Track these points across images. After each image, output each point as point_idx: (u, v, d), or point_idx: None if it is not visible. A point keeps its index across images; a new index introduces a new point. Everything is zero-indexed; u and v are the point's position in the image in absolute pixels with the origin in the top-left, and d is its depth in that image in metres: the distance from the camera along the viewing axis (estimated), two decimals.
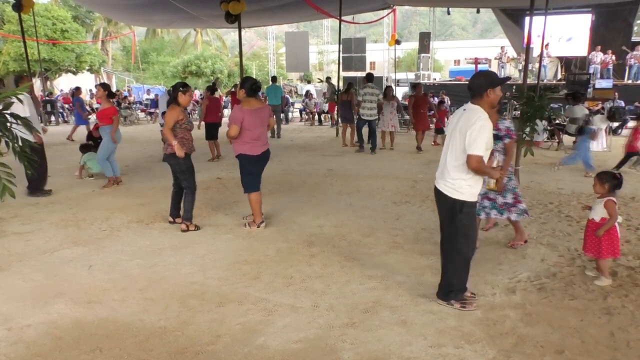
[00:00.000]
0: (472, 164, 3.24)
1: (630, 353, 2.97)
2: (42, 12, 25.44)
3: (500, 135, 4.33)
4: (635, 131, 8.50)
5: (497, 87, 3.32)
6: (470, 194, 3.40)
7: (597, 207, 4.00)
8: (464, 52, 40.37)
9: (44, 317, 3.44)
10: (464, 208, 3.39)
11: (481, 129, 3.21)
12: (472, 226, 3.50)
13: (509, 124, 4.36)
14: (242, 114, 5.16)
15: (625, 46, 18.41)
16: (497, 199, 4.62)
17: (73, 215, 5.96)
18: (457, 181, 3.37)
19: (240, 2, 9.27)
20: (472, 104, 3.38)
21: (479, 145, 3.20)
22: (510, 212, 4.62)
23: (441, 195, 3.50)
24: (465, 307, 3.49)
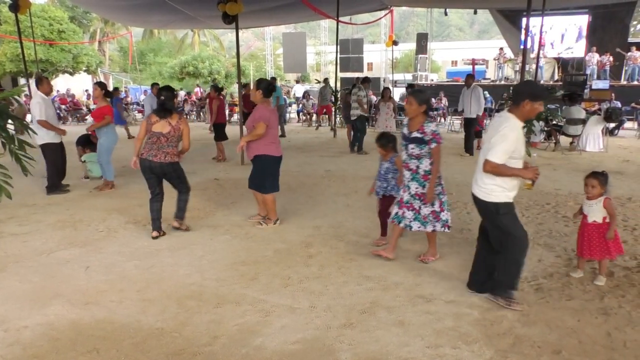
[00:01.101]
0: (486, 167, 3.30)
1: (627, 353, 2.97)
2: (39, 12, 25.38)
3: (425, 140, 4.08)
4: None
5: (537, 102, 3.25)
6: (504, 196, 3.39)
7: (596, 208, 3.93)
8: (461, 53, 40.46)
9: (41, 318, 3.44)
10: (500, 210, 3.40)
11: (502, 138, 3.23)
12: (516, 224, 3.46)
13: (435, 127, 4.15)
14: (269, 113, 5.22)
15: (620, 48, 18.48)
16: (421, 209, 4.25)
17: (70, 217, 5.95)
18: (489, 185, 3.40)
19: (237, 2, 9.26)
20: (507, 111, 3.39)
21: (497, 153, 3.24)
22: (428, 223, 4.28)
23: (476, 199, 3.55)
24: (510, 304, 3.49)
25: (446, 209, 4.32)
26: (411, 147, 4.15)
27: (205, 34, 42.91)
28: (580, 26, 19.74)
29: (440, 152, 4.18)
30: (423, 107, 4.09)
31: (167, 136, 4.95)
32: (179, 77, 34.17)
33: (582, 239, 4.03)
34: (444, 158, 10.86)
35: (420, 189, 4.19)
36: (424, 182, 4.17)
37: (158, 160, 4.95)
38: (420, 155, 4.13)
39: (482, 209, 3.55)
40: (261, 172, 5.38)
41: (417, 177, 4.19)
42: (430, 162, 4.14)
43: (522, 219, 5.69)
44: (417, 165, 4.17)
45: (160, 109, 5.00)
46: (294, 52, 25.75)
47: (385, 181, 4.81)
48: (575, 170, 8.77)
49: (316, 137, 14.83)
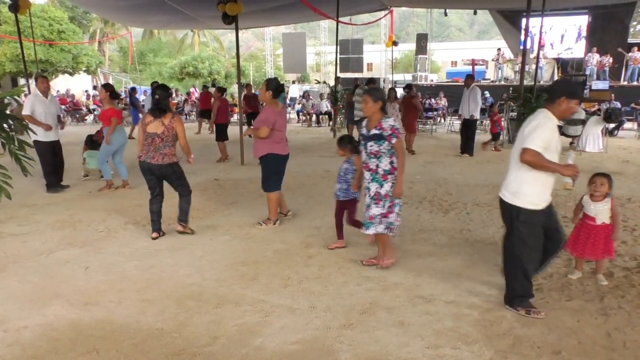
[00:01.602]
0: (524, 156, 3.14)
1: (627, 354, 2.97)
2: (39, 13, 25.34)
3: (384, 135, 3.97)
4: None
5: (574, 100, 3.17)
6: (528, 202, 3.28)
7: (604, 209, 3.87)
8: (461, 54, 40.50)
9: (41, 318, 3.43)
10: (521, 215, 3.30)
11: (538, 126, 3.15)
12: (532, 235, 3.34)
13: (394, 122, 4.03)
14: (274, 116, 5.24)
15: (622, 48, 18.49)
16: (372, 209, 4.16)
17: (70, 217, 5.95)
18: (514, 187, 3.31)
19: (237, 3, 9.26)
20: (542, 108, 3.31)
21: (535, 140, 3.11)
22: (376, 226, 4.15)
23: (501, 202, 3.47)
24: (530, 313, 3.40)
25: (396, 212, 4.15)
26: (370, 145, 4.05)
27: (205, 35, 42.91)
28: (580, 26, 19.75)
29: (403, 147, 4.11)
30: (379, 104, 4.04)
31: (162, 136, 4.87)
32: (178, 77, 34.17)
33: (585, 240, 3.95)
34: (442, 158, 10.93)
35: (379, 188, 4.07)
36: (383, 181, 4.05)
37: (156, 162, 4.90)
38: (379, 153, 4.02)
39: (504, 212, 3.46)
40: (266, 170, 5.42)
41: (377, 177, 4.07)
42: (390, 161, 4.04)
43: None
44: (376, 164, 4.05)
45: (154, 109, 4.93)
46: (293, 52, 25.75)
47: (345, 182, 4.70)
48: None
49: (316, 137, 14.83)
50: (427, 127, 16.35)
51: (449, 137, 14.58)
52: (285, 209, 5.90)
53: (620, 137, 14.21)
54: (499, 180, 8.05)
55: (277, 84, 5.28)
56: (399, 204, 4.18)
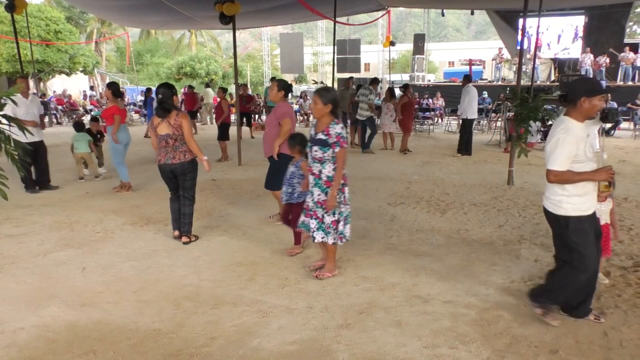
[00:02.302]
0: (549, 177, 3.09)
1: (623, 352, 2.98)
2: (35, 12, 25.26)
3: (329, 142, 3.77)
4: None
5: (595, 97, 3.03)
6: (574, 209, 3.14)
7: (606, 210, 3.83)
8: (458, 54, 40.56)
9: (37, 320, 3.42)
10: (570, 224, 3.15)
11: (558, 144, 3.04)
12: (585, 242, 3.16)
13: (341, 129, 3.80)
14: (291, 110, 5.34)
15: (616, 49, 18.55)
16: (324, 217, 3.95)
17: (66, 217, 5.93)
18: (557, 197, 3.18)
19: (234, 3, 9.25)
20: (564, 115, 3.20)
21: (556, 161, 3.03)
22: (333, 235, 3.98)
23: (546, 212, 3.34)
24: (545, 316, 3.29)
25: (343, 221, 3.98)
26: (315, 150, 3.86)
27: (203, 35, 42.87)
28: (577, 27, 19.79)
29: (345, 158, 3.85)
30: (328, 106, 3.82)
31: (174, 137, 4.77)
32: (176, 77, 34.15)
33: None
34: (439, 158, 10.93)
35: (322, 195, 3.89)
36: (326, 188, 3.87)
37: (178, 160, 4.81)
38: (322, 159, 3.83)
39: (552, 222, 3.31)
40: (276, 169, 5.39)
41: (320, 182, 3.88)
42: (334, 167, 3.84)
43: (518, 219, 5.74)
44: (319, 169, 3.87)
45: (158, 109, 4.83)
46: (291, 52, 25.72)
47: (290, 186, 4.55)
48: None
49: None
50: (424, 127, 16.37)
51: (446, 137, 14.60)
52: None
53: (617, 137, 14.26)
54: (496, 180, 8.11)
55: (287, 84, 5.38)
56: (345, 212, 3.99)
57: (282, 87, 5.33)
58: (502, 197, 6.89)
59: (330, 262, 4.14)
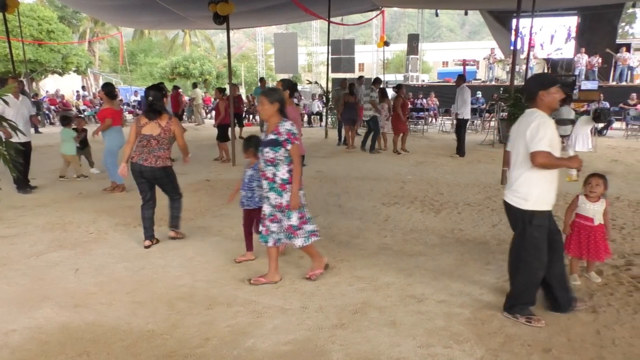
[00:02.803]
0: (538, 160, 3.05)
1: (615, 351, 3.00)
2: (28, 12, 25.10)
3: (280, 140, 3.66)
4: None
5: (551, 88, 3.13)
6: (540, 203, 3.20)
7: (600, 209, 3.86)
8: (452, 54, 40.69)
9: (30, 321, 3.40)
10: (534, 220, 3.21)
11: (540, 125, 3.07)
12: (544, 239, 3.25)
13: (290, 126, 3.71)
14: (297, 114, 5.33)
15: (610, 49, 18.68)
16: (283, 221, 3.85)
17: (59, 218, 5.90)
18: (525, 190, 3.20)
19: (228, 3, 9.24)
20: (529, 108, 3.27)
21: (542, 141, 3.04)
22: (297, 237, 3.87)
23: (509, 207, 3.35)
24: (530, 322, 3.30)
25: (307, 219, 3.90)
26: (266, 151, 3.73)
27: (196, 35, 42.74)
28: (570, 27, 19.91)
29: (299, 153, 3.77)
30: (275, 105, 3.72)
31: (158, 139, 4.74)
32: (169, 77, 34.01)
33: (587, 242, 3.88)
34: (433, 158, 10.95)
35: (279, 198, 3.76)
36: (282, 191, 3.74)
37: (149, 164, 4.73)
38: (275, 160, 3.69)
39: (514, 218, 3.34)
40: None
41: (275, 186, 3.75)
42: (288, 169, 3.72)
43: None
44: (273, 172, 3.73)
45: (149, 110, 4.76)
46: (285, 52, 25.71)
47: (250, 190, 4.37)
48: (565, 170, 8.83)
49: (307, 137, 14.81)
50: (418, 127, 16.42)
51: (440, 137, 14.65)
52: None
53: (609, 136, 14.36)
54: (490, 179, 8.13)
55: (292, 83, 5.39)
56: (306, 212, 3.91)
57: (287, 86, 5.23)
58: (496, 196, 6.92)
59: (315, 260, 4.10)
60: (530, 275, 3.33)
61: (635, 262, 4.43)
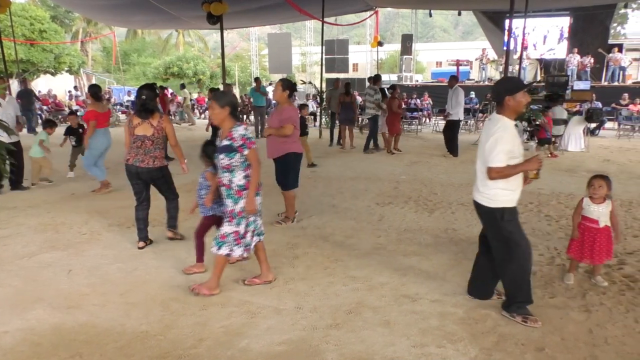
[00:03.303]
0: (491, 175, 3.16)
1: (608, 349, 3.02)
2: (19, 11, 24.95)
3: (235, 146, 3.53)
4: None
5: (518, 94, 3.17)
6: (508, 200, 3.27)
7: (606, 212, 3.84)
8: (445, 54, 40.82)
9: (22, 323, 3.38)
10: (505, 215, 3.26)
11: (497, 141, 3.13)
12: (520, 232, 3.32)
13: (244, 130, 3.58)
14: (296, 115, 5.39)
15: (602, 49, 18.81)
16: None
17: (51, 219, 5.86)
18: (492, 190, 3.26)
19: (222, 3, 9.22)
20: (496, 113, 3.31)
21: (496, 157, 3.12)
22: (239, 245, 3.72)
23: (479, 207, 3.40)
24: (526, 322, 3.31)
25: (251, 232, 3.75)
26: (221, 158, 3.59)
27: (190, 35, 42.60)
28: (562, 28, 20.03)
29: (259, 159, 3.65)
30: (226, 110, 3.58)
31: (152, 139, 4.71)
32: (163, 77, 33.90)
33: (591, 245, 3.86)
34: (427, 158, 10.97)
35: (232, 205, 3.65)
36: (239, 198, 3.62)
37: (145, 165, 4.71)
38: (231, 167, 3.57)
39: (486, 216, 3.39)
40: (286, 169, 5.52)
41: (231, 193, 3.63)
42: (245, 175, 3.61)
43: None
44: (229, 179, 3.60)
45: (141, 110, 4.71)
46: (279, 52, 25.70)
47: (200, 198, 4.24)
48: (558, 170, 8.89)
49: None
50: (412, 127, 16.45)
51: (434, 137, 14.68)
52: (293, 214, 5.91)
53: (602, 136, 14.45)
54: None
55: (292, 83, 5.45)
56: (253, 223, 3.77)
57: (287, 87, 5.30)
58: None
59: (263, 267, 3.97)
60: (517, 272, 3.35)
61: (628, 261, 4.47)
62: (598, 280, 3.98)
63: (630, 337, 3.16)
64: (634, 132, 14.46)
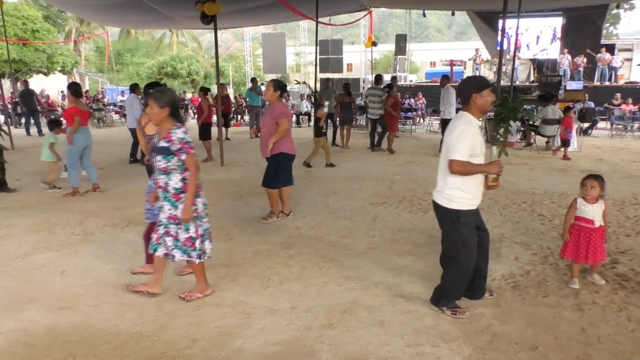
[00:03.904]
0: (453, 168, 3.16)
1: (601, 348, 3.04)
2: (12, 11, 24.77)
3: (172, 150, 3.38)
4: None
5: (484, 91, 3.21)
6: (466, 204, 3.29)
7: (599, 211, 3.84)
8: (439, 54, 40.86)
9: (15, 324, 3.36)
10: (461, 218, 3.29)
11: (461, 134, 3.15)
12: (472, 237, 3.36)
13: (183, 134, 3.41)
14: (287, 110, 5.55)
15: (592, 50, 18.94)
16: (179, 234, 3.56)
17: (45, 220, 5.83)
18: (452, 190, 3.28)
19: (215, 3, 9.19)
20: (462, 110, 3.33)
21: (459, 150, 3.13)
22: (189, 252, 3.60)
23: (437, 207, 3.42)
24: (456, 314, 3.40)
25: (200, 237, 3.62)
26: (158, 160, 3.45)
27: (184, 34, 42.48)
28: (555, 28, 20.14)
29: (197, 164, 3.51)
30: (165, 110, 3.44)
31: None
32: (156, 77, 33.79)
33: (587, 245, 3.84)
34: (421, 158, 10.97)
35: (173, 210, 3.51)
36: (176, 202, 3.49)
37: None
38: (167, 170, 3.45)
39: (443, 216, 3.41)
40: (277, 169, 5.60)
41: (168, 196, 3.50)
42: (182, 177, 3.47)
43: (498, 218, 5.82)
44: (165, 182, 3.48)
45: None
46: (273, 52, 25.67)
47: (147, 202, 4.09)
48: (551, 170, 8.94)
49: (296, 137, 14.79)
50: (406, 127, 16.48)
51: (428, 137, 14.72)
52: (288, 210, 5.98)
53: (594, 136, 14.54)
54: None
55: (282, 84, 5.58)
56: (203, 226, 3.66)
57: (278, 87, 5.46)
58: (483, 196, 6.94)
59: (200, 282, 3.77)
60: (459, 273, 3.41)
61: (620, 260, 4.50)
62: (595, 279, 3.98)
63: (623, 336, 3.18)
64: (626, 132, 14.56)
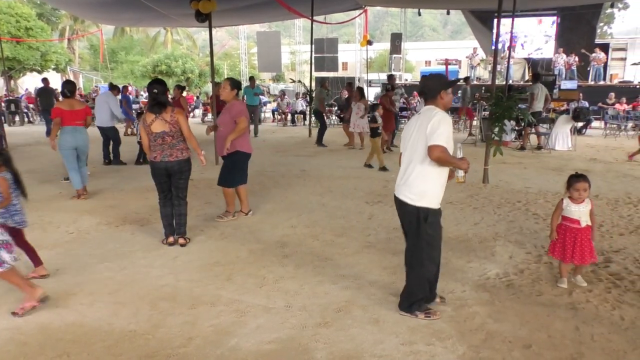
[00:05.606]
0: (435, 153, 3.08)
1: (594, 346, 3.06)
2: (5, 9, 24.64)
3: None
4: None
5: (450, 89, 3.29)
6: (435, 202, 3.30)
7: (585, 210, 3.85)
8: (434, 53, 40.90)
9: (8, 322, 3.34)
10: (429, 217, 3.28)
11: (440, 122, 3.13)
12: (438, 235, 3.37)
13: None
14: (245, 107, 5.53)
15: (586, 49, 19.03)
16: None
17: (39, 218, 5.79)
18: (420, 188, 3.26)
19: (210, 1, 9.16)
20: (429, 105, 3.31)
21: (440, 136, 3.09)
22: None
23: (402, 205, 3.39)
24: (429, 316, 3.39)
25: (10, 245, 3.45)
26: None
27: (179, 33, 42.35)
28: (550, 27, 20.21)
29: None
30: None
31: (171, 134, 4.64)
32: (151, 76, 33.65)
33: (572, 245, 3.82)
34: None
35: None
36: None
37: (175, 158, 4.68)
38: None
39: (408, 215, 3.36)
40: (233, 168, 5.62)
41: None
42: None
43: (493, 217, 5.84)
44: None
45: (153, 104, 4.63)
46: (268, 51, 25.64)
47: None
48: (545, 169, 8.98)
49: (291, 136, 14.81)
50: (401, 126, 16.50)
51: None
52: (247, 208, 5.99)
53: (588, 135, 14.61)
54: (472, 178, 8.19)
55: (238, 83, 5.59)
56: None
57: (235, 86, 5.49)
58: (478, 195, 6.99)
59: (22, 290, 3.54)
60: (423, 272, 3.38)
61: (614, 260, 4.53)
62: (577, 280, 3.97)
63: (617, 334, 3.20)
64: (619, 131, 14.64)
